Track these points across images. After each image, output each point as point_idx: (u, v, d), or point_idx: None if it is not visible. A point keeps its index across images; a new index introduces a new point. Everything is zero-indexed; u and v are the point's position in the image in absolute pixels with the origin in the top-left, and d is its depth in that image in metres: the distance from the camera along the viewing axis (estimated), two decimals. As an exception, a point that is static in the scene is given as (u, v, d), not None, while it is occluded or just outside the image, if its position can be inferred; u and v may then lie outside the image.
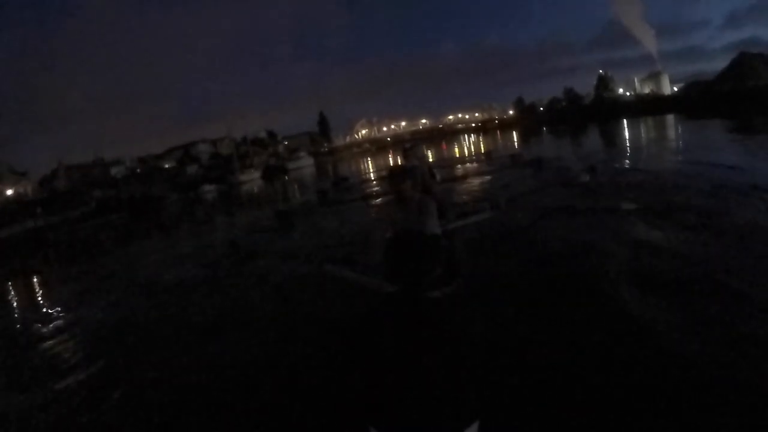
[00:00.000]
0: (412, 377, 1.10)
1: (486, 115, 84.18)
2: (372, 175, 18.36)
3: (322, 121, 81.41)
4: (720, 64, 47.61)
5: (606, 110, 49.43)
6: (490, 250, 4.57)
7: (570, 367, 2.36)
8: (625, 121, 32.61)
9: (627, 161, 10.54)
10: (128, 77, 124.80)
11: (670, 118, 27.68)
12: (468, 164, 15.08)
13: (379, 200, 8.60)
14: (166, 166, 52.65)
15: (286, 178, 38.35)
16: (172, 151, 57.92)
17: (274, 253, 6.27)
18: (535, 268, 3.93)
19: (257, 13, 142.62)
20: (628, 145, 15.76)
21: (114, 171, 48.89)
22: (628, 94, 61.72)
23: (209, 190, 38.33)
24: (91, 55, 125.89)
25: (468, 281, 3.10)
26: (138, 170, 50.32)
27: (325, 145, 78.34)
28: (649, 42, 71.35)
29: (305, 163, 57.31)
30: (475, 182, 9.64)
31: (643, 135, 19.66)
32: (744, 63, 39.60)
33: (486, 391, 1.29)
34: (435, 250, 1.36)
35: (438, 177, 7.22)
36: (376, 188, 11.52)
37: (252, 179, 43.65)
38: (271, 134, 71.34)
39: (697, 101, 36.80)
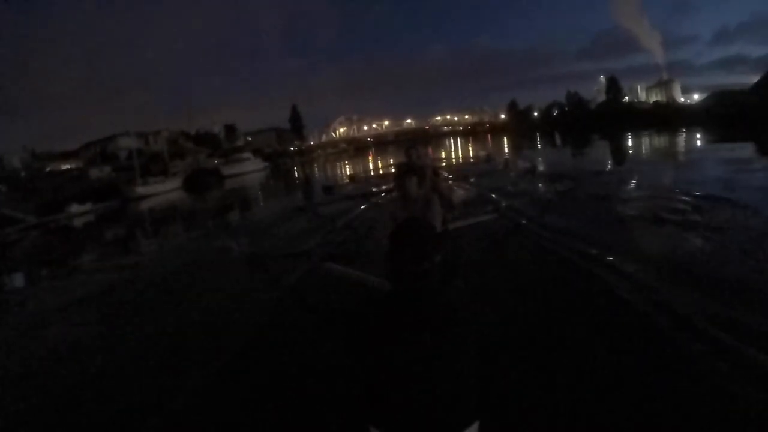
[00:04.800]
0: (413, 377, 1.09)
1: (476, 119, 77.49)
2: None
3: (295, 116, 72.60)
4: (707, 79, 47.00)
5: (620, 118, 42.28)
6: (491, 250, 4.63)
7: (572, 368, 2.35)
8: (629, 135, 26.41)
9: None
10: (100, 64, 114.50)
11: (697, 138, 20.32)
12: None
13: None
14: (67, 167, 38.62)
15: (215, 191, 29.30)
16: (89, 147, 44.57)
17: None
18: (536, 268, 4.01)
19: (246, 5, 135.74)
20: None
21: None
22: (638, 101, 54.66)
23: (79, 211, 23.40)
24: (64, 39, 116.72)
25: (470, 280, 3.20)
26: (23, 174, 35.10)
27: (296, 143, 69.78)
28: (656, 48, 65.65)
29: (250, 168, 42.34)
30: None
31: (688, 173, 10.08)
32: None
33: (487, 391, 1.23)
34: (436, 240, 1.24)
35: (441, 175, 6.99)
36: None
37: (164, 191, 30.78)
38: (230, 129, 60.69)
39: (733, 116, 28.97)
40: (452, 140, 54.63)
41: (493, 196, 6.99)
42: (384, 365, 1.12)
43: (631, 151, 17.47)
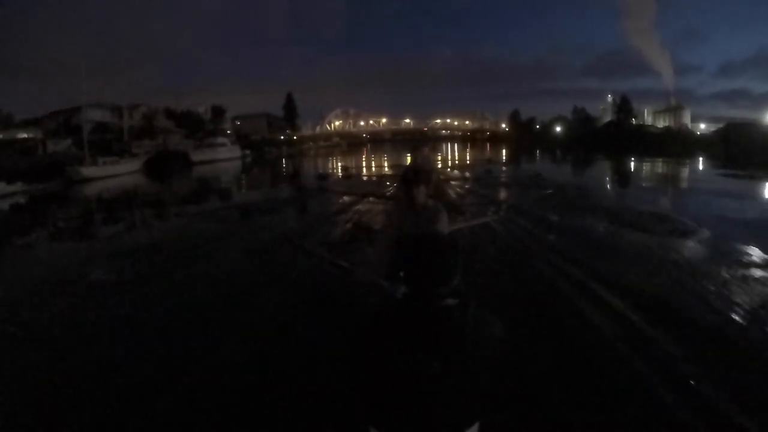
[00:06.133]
0: (415, 379, 1.10)
1: (477, 125, 74.96)
2: None
3: (289, 103, 69.25)
4: (709, 110, 47.90)
5: (629, 139, 40.22)
6: (491, 252, 4.84)
7: (572, 370, 2.43)
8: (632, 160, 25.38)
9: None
10: (100, 32, 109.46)
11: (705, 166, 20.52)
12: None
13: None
14: (24, 136, 33.29)
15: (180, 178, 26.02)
16: (54, 116, 39.04)
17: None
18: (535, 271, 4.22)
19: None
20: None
21: None
22: (645, 124, 52.73)
23: (4, 192, 18.96)
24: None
25: (469, 282, 3.18)
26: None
27: (287, 132, 66.58)
28: (666, 71, 63.79)
29: (225, 155, 37.47)
30: None
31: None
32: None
33: (488, 394, 1.24)
34: (454, 257, 1.20)
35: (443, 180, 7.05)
36: None
37: (116, 174, 26.81)
38: (218, 110, 57.00)
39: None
40: (450, 145, 53.07)
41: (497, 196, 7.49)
42: (386, 367, 1.10)
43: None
